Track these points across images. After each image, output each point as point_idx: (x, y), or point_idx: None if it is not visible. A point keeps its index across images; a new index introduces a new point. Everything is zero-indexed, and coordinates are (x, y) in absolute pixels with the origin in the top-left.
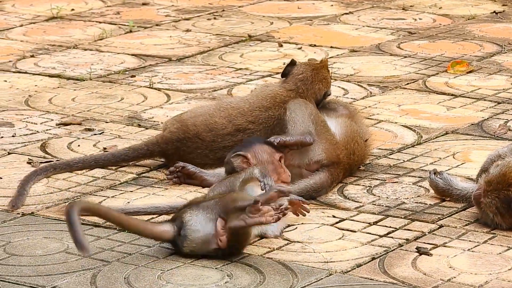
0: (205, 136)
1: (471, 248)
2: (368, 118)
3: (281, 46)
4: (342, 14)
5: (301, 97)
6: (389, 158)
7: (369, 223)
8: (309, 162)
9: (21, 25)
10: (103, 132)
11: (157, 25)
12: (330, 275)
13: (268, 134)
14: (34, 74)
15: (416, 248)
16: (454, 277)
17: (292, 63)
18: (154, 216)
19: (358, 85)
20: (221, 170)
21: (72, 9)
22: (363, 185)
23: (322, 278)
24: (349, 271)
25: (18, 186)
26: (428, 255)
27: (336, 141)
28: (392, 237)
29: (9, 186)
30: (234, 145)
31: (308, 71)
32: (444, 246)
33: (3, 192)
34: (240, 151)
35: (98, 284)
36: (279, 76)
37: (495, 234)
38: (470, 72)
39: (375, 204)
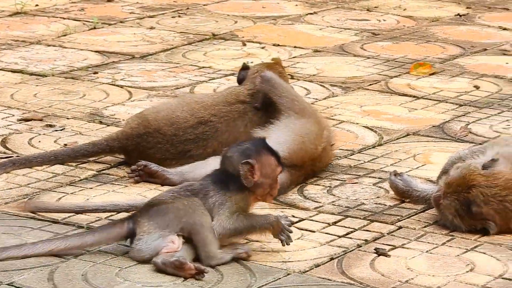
0: (166, 130)
1: (430, 250)
2: (330, 119)
3: (245, 45)
4: (307, 14)
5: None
6: (350, 158)
7: (328, 224)
8: None
9: None
10: (64, 129)
11: (121, 22)
12: (288, 275)
13: (229, 127)
14: None
15: (374, 249)
16: (412, 279)
17: (244, 67)
18: (113, 213)
19: (321, 85)
20: (183, 169)
21: (36, 5)
22: (323, 185)
23: (280, 278)
24: (307, 271)
25: None
26: (387, 256)
27: (306, 146)
28: (351, 238)
29: None
30: (195, 138)
31: (263, 69)
32: (403, 248)
33: None
34: (249, 159)
35: (55, 281)
36: (244, 62)
37: (454, 236)
38: (432, 74)
39: (334, 205)
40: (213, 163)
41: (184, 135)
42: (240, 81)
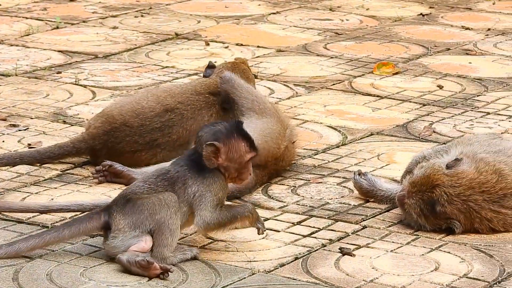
0: (133, 122)
1: (394, 249)
2: (294, 118)
3: (208, 44)
4: (270, 14)
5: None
6: (314, 158)
7: (293, 223)
8: None
9: None
10: (28, 128)
11: (84, 21)
12: (253, 274)
13: (195, 115)
14: None
15: (339, 249)
16: (377, 278)
17: (210, 66)
18: (78, 213)
19: (284, 85)
20: (148, 169)
21: None
22: (288, 185)
23: (245, 278)
24: (272, 270)
25: None
26: (351, 256)
27: (268, 146)
28: (315, 237)
29: None
30: (162, 126)
31: (229, 68)
32: (367, 247)
33: None
34: (216, 141)
35: (20, 281)
36: (211, 60)
37: (418, 235)
38: (396, 73)
39: (299, 204)
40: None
41: (150, 124)
42: (206, 78)
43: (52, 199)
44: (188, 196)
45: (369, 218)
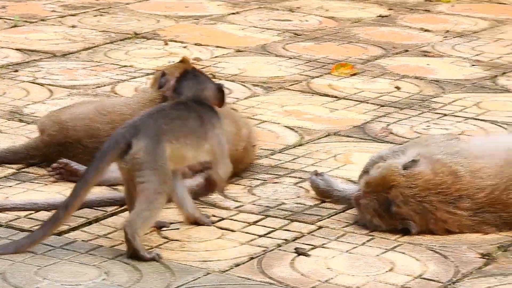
0: (87, 143)
1: (350, 250)
2: (251, 118)
3: (167, 44)
4: (229, 14)
5: None
6: (271, 158)
7: (248, 223)
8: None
9: None
10: None
11: (42, 20)
12: (207, 274)
13: None
14: None
15: (294, 249)
16: (332, 278)
17: (163, 74)
18: (32, 212)
19: (242, 85)
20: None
21: None
22: (244, 185)
23: (199, 277)
24: (227, 270)
25: None
26: (306, 256)
27: None
28: (271, 237)
29: None
30: None
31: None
32: (323, 247)
33: None
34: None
35: None
36: (163, 69)
37: (374, 236)
38: (354, 74)
39: (255, 204)
40: None
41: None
42: (160, 87)
43: (7, 197)
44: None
45: (324, 219)
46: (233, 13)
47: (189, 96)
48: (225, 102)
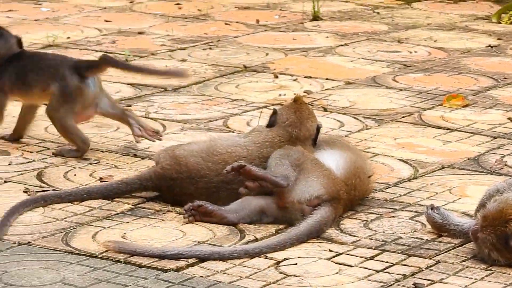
0: (198, 181)
1: (468, 285)
2: (364, 151)
3: (277, 77)
4: (338, 46)
5: (295, 140)
6: (386, 192)
7: (365, 258)
8: (310, 198)
9: None
10: (99, 162)
11: (152, 54)
12: None
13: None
14: None
15: (413, 284)
16: None
17: (274, 112)
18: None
19: (354, 117)
20: (237, 206)
21: (68, 37)
22: (360, 219)
23: None
24: None
25: (3, 216)
26: None
27: (334, 176)
28: (389, 272)
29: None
30: (228, 195)
31: (291, 114)
32: (441, 282)
33: None
34: None
35: None
36: (274, 107)
37: (493, 270)
38: (465, 106)
39: (371, 239)
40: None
41: (215, 187)
42: (270, 126)
43: (125, 233)
44: None
45: (442, 253)
46: (342, 45)
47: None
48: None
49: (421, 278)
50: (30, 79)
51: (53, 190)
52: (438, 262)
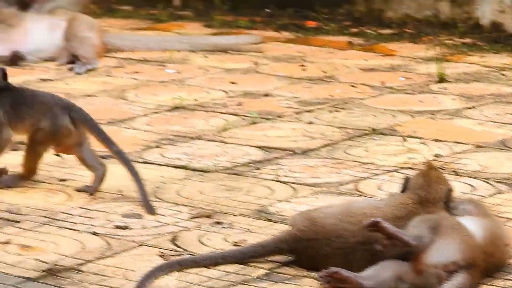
0: (333, 242)
1: None
2: (498, 217)
3: (405, 140)
4: (465, 108)
5: (425, 202)
6: None
7: None
8: (446, 262)
9: (145, 115)
10: (232, 226)
11: (279, 116)
12: None
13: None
14: (160, 165)
15: None
16: None
17: (407, 179)
18: None
19: (486, 182)
20: (373, 272)
21: (195, 99)
22: (497, 285)
23: None
24: None
25: (140, 280)
26: None
27: (473, 242)
28: None
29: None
30: (363, 255)
31: (421, 179)
32: None
33: (131, 285)
34: None
35: None
36: (404, 171)
37: None
38: None
39: None
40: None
41: (350, 248)
42: (403, 191)
43: None
44: None
45: None
46: (469, 108)
47: None
48: None
49: None
50: (24, 113)
51: (187, 254)
52: None
